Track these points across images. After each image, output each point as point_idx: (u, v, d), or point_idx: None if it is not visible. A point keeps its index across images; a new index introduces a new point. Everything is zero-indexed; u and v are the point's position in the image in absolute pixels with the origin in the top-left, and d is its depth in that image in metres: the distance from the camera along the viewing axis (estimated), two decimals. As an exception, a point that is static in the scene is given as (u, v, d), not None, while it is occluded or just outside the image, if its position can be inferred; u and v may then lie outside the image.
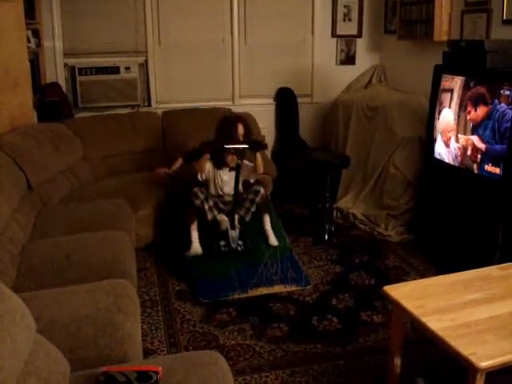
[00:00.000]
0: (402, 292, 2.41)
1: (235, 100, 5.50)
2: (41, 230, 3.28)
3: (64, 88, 4.91)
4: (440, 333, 2.06)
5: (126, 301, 2.28)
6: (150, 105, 5.27)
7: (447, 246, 3.82)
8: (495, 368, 1.92)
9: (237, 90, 5.49)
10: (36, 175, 3.62)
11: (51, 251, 2.89)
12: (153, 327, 3.13)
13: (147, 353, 2.81)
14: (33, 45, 4.46)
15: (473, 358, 1.90)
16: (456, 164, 3.74)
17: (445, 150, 3.86)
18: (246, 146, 3.80)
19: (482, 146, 3.44)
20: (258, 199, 3.89)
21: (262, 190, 3.93)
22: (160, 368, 1.80)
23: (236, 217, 3.83)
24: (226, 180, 3.94)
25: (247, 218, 3.92)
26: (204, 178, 3.93)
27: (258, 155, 3.89)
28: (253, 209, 3.91)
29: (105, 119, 4.80)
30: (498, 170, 3.33)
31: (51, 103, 4.53)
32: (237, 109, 5.28)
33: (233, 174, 3.86)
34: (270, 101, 5.60)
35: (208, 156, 3.87)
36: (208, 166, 3.92)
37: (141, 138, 4.79)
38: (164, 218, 4.14)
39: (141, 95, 5.14)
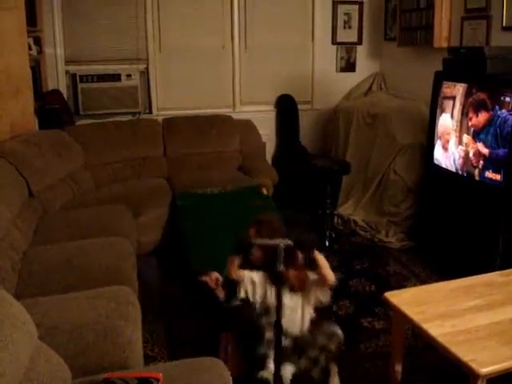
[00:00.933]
0: (403, 298, 2.41)
1: (236, 107, 5.51)
2: (42, 237, 3.29)
3: (65, 95, 4.93)
4: (440, 339, 2.06)
5: (127, 307, 2.28)
6: (150, 112, 5.28)
7: (448, 253, 3.81)
8: (496, 374, 1.92)
9: (237, 97, 5.50)
10: (37, 182, 3.63)
11: (52, 257, 2.90)
12: (153, 334, 3.12)
13: (148, 359, 2.79)
14: (34, 52, 4.47)
15: (473, 365, 1.90)
16: (456, 170, 3.75)
17: (443, 156, 3.87)
18: (290, 243, 2.16)
19: (485, 151, 3.44)
20: (332, 347, 2.44)
21: (340, 333, 2.48)
22: (161, 375, 1.80)
23: (289, 370, 2.38)
24: (291, 307, 2.47)
25: (315, 375, 2.46)
26: (244, 295, 2.53)
27: (318, 256, 2.38)
28: (322, 360, 2.44)
29: (106, 126, 4.81)
30: (498, 177, 3.34)
31: (52, 110, 4.54)
32: (237, 116, 5.30)
33: (299, 299, 2.52)
34: (271, 108, 5.61)
35: (236, 260, 2.50)
36: (252, 277, 2.54)
37: (142, 145, 4.80)
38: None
39: (142, 102, 5.16)
